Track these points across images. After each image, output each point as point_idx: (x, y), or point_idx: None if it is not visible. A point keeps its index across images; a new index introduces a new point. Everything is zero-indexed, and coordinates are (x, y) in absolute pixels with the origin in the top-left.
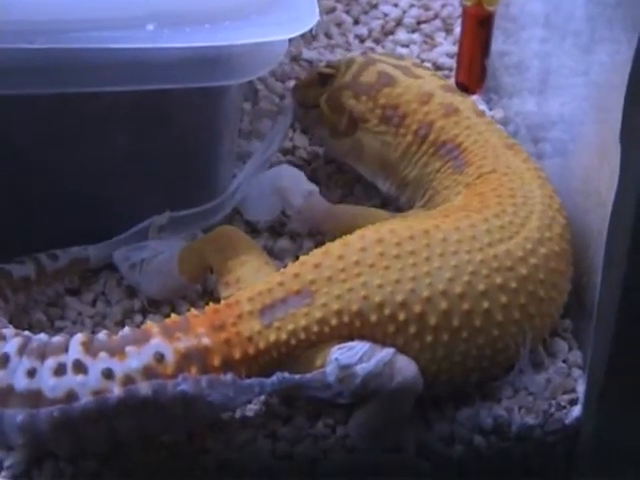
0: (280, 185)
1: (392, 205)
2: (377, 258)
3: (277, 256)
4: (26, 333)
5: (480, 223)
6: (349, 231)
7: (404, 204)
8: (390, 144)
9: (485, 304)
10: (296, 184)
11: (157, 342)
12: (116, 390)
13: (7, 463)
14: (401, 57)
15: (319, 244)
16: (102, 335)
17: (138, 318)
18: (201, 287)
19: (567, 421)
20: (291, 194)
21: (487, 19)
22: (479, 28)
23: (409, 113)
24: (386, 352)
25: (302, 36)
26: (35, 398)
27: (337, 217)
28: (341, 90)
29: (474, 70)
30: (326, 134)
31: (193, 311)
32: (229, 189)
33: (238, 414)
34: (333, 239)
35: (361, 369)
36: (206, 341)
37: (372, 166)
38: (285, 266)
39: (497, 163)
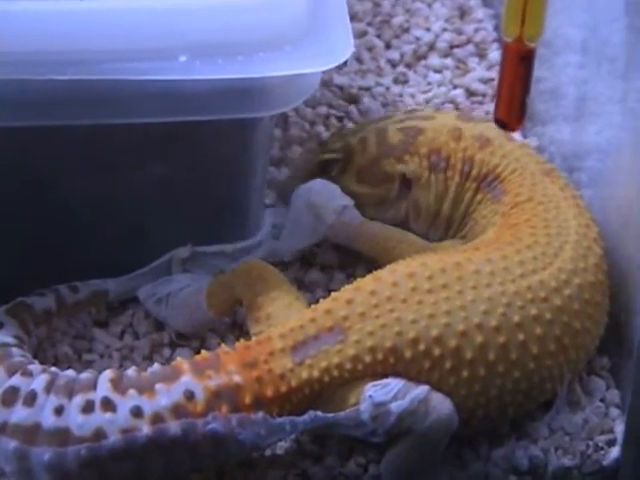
0: (312, 201)
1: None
2: (409, 293)
3: (307, 288)
4: (53, 369)
5: (512, 255)
6: (380, 251)
7: (434, 238)
8: (442, 193)
9: (520, 336)
10: (329, 199)
11: (187, 380)
12: (145, 429)
13: None
14: (387, 115)
15: (350, 276)
16: (131, 372)
17: (166, 352)
18: (230, 320)
19: (605, 462)
20: (324, 210)
21: (528, 55)
22: (520, 65)
23: (451, 153)
24: (421, 389)
25: None
26: (63, 436)
27: (370, 235)
28: (377, 162)
29: (514, 107)
30: (371, 212)
31: (224, 347)
32: (257, 236)
33: (268, 452)
34: (365, 273)
35: (396, 407)
36: (237, 379)
37: (429, 220)
38: (317, 301)
39: (534, 191)
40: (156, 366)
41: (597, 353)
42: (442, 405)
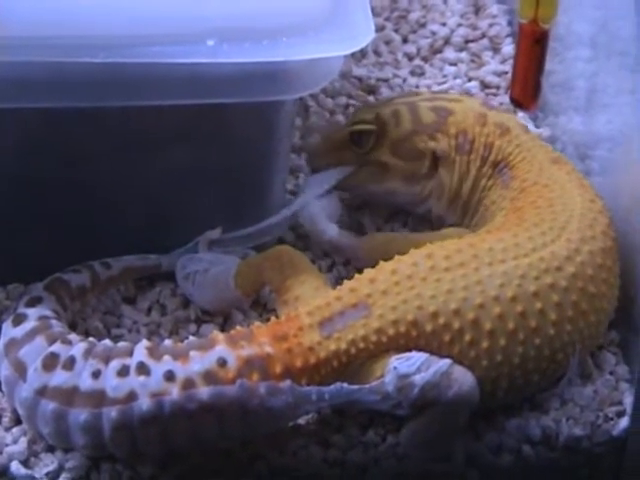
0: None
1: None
2: (428, 271)
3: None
4: (91, 339)
5: (522, 232)
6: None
7: (450, 221)
8: (464, 175)
9: (538, 304)
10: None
11: (221, 348)
12: (174, 392)
13: (68, 465)
14: (416, 92)
15: None
16: (168, 342)
17: (192, 327)
18: (253, 298)
19: (614, 432)
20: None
21: (542, 37)
22: (534, 45)
23: (475, 136)
24: (443, 362)
25: (352, 53)
26: (98, 398)
27: (369, 249)
28: (411, 138)
29: (529, 87)
30: (398, 185)
31: (257, 323)
32: (281, 213)
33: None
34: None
35: (419, 379)
36: (268, 349)
37: (449, 201)
38: (340, 283)
39: (540, 176)
40: (192, 338)
41: (607, 328)
42: (464, 378)
